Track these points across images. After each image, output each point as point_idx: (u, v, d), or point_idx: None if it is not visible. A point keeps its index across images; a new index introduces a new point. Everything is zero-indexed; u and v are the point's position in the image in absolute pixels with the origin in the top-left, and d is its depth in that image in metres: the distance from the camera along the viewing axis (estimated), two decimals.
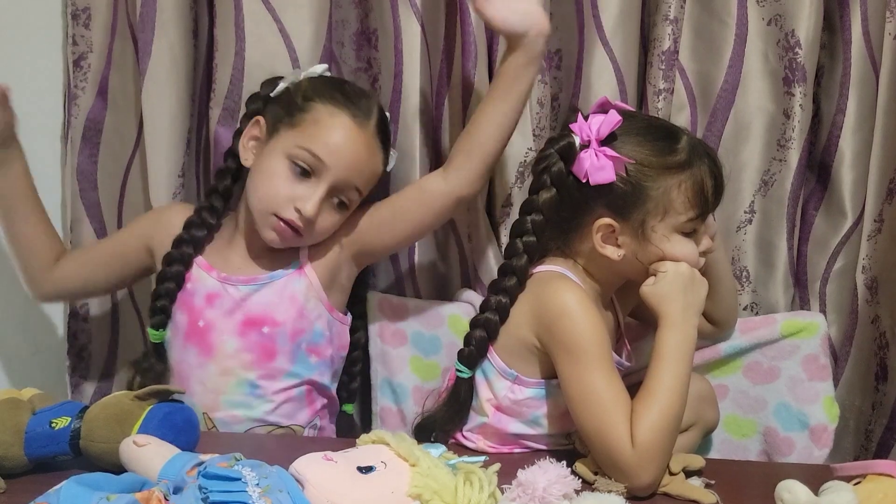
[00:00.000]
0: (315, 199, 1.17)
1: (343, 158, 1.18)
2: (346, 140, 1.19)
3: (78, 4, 1.37)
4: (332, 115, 1.19)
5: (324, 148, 1.17)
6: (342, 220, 1.24)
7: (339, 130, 1.19)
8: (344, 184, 1.19)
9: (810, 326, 1.29)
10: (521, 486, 0.91)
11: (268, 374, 1.23)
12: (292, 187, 1.18)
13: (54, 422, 0.99)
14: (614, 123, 1.06)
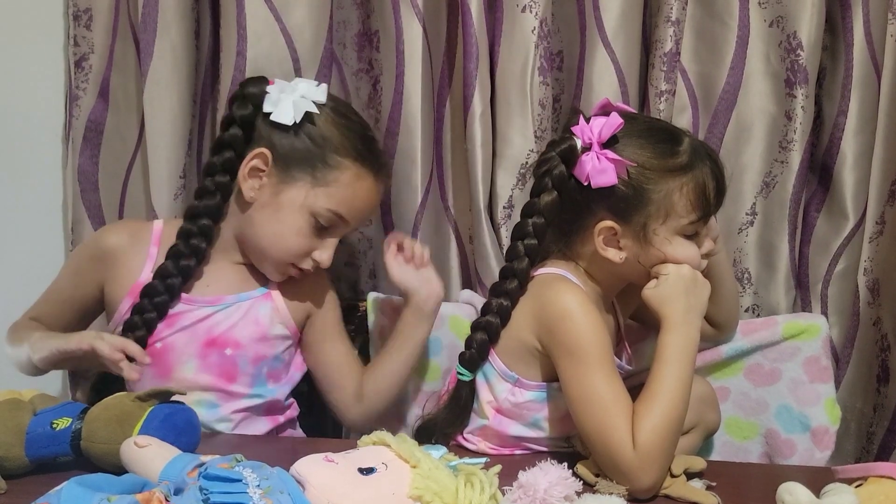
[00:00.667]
0: (331, 252, 1.20)
1: (362, 214, 1.22)
2: (369, 201, 1.21)
3: (79, 5, 1.38)
4: (360, 179, 1.18)
5: (350, 211, 1.18)
6: None
7: (366, 194, 1.20)
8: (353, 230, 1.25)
9: (812, 328, 1.29)
10: (522, 487, 0.91)
11: (227, 394, 1.20)
12: (312, 242, 1.18)
13: (55, 422, 0.99)
14: (616, 126, 1.06)
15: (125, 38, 1.39)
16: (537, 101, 1.32)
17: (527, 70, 1.31)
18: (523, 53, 1.31)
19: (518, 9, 1.30)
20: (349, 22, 1.38)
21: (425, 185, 1.36)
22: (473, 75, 1.29)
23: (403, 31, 1.31)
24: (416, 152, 1.33)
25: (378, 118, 1.38)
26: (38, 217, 1.46)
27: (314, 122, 1.16)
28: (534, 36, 1.30)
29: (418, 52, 1.31)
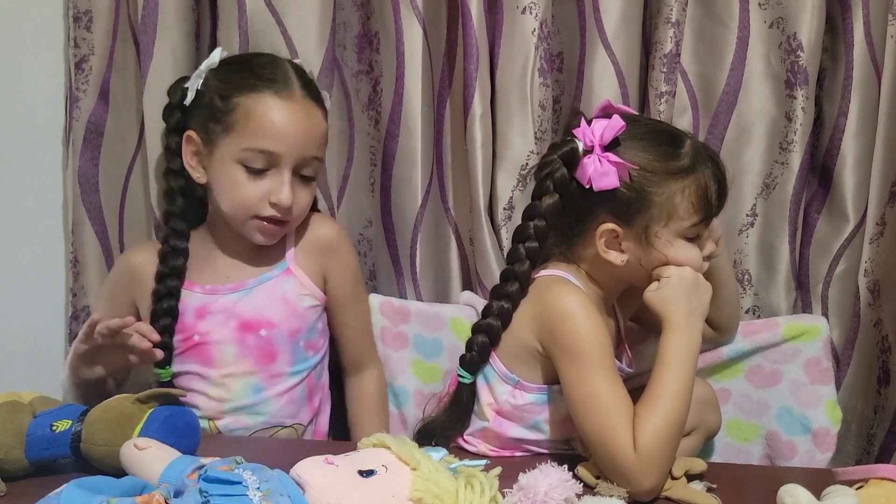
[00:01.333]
0: (286, 188, 1.17)
1: (289, 137, 1.17)
2: (282, 119, 1.17)
3: (79, 7, 1.37)
4: (257, 103, 1.17)
5: (268, 139, 1.16)
6: (314, 191, 1.25)
7: (272, 113, 1.17)
8: (303, 160, 1.19)
9: (812, 330, 1.29)
10: (523, 489, 0.91)
11: (270, 375, 1.23)
12: (258, 186, 1.18)
13: (55, 425, 0.99)
14: (618, 129, 1.05)
15: (125, 40, 1.39)
16: (537, 102, 1.32)
17: (527, 71, 1.31)
18: (523, 55, 1.31)
19: (518, 10, 1.30)
20: (349, 23, 1.38)
21: (425, 187, 1.36)
22: (473, 77, 1.29)
23: (403, 32, 1.31)
24: (417, 153, 1.33)
25: (378, 120, 1.38)
26: (38, 219, 1.46)
27: (206, 84, 1.22)
28: (534, 37, 1.30)
29: (418, 53, 1.31)
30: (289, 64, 1.23)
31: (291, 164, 1.18)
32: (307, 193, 1.22)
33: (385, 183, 1.37)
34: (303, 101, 1.19)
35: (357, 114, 1.41)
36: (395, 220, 1.38)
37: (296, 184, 1.19)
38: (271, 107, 1.17)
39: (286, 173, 1.18)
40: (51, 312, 1.46)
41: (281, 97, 1.18)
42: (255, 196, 1.18)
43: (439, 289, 1.41)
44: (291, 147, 1.17)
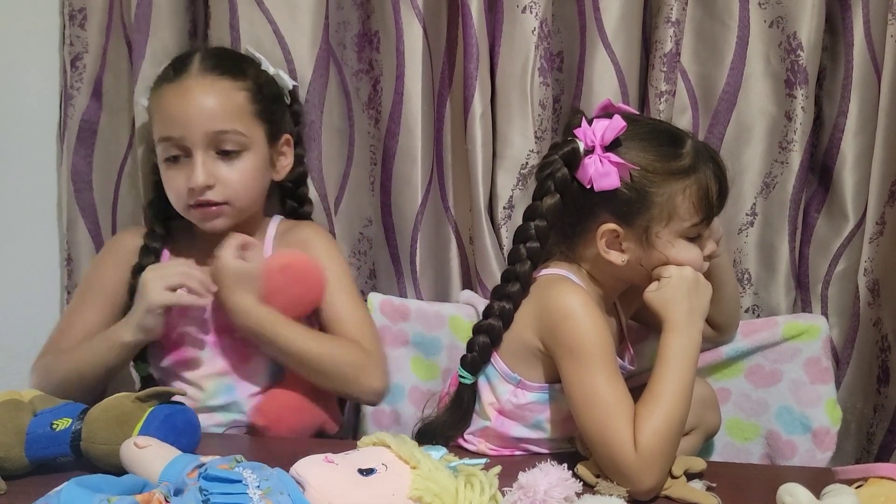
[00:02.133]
0: (196, 169, 1.16)
1: (184, 118, 1.16)
2: (174, 103, 1.18)
3: (74, 5, 1.37)
4: (157, 97, 1.20)
5: (166, 126, 1.18)
6: (252, 166, 1.20)
7: (164, 100, 1.18)
8: (213, 136, 1.17)
9: (812, 329, 1.29)
10: (522, 488, 0.91)
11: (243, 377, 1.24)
12: (178, 176, 1.18)
13: (55, 423, 0.99)
14: (619, 129, 1.05)
15: (118, 38, 1.39)
16: (537, 101, 1.32)
17: (527, 70, 1.31)
18: (523, 54, 1.31)
19: (518, 9, 1.30)
20: (349, 22, 1.38)
21: (426, 186, 1.36)
22: (474, 76, 1.29)
23: (404, 31, 1.31)
24: (417, 153, 1.33)
25: (378, 119, 1.38)
26: (32, 217, 1.46)
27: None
28: (534, 36, 1.30)
29: (418, 52, 1.31)
30: (203, 49, 1.25)
31: (201, 145, 1.16)
32: (236, 170, 1.19)
33: (385, 182, 1.37)
34: (198, 77, 1.18)
35: (357, 113, 1.41)
36: (396, 219, 1.38)
37: (218, 163, 1.18)
38: (164, 95, 1.19)
39: (197, 155, 1.16)
40: (46, 310, 1.46)
41: (173, 83, 1.18)
42: (178, 186, 1.19)
43: (439, 288, 1.41)
44: (190, 127, 1.16)
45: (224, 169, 1.18)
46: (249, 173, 1.20)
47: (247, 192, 1.21)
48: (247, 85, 1.21)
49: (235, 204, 1.20)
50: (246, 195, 1.21)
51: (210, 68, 1.19)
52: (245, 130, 1.19)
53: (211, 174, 1.17)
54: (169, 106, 1.18)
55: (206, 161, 1.17)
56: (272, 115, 1.24)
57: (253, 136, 1.20)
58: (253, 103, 1.21)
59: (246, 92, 1.21)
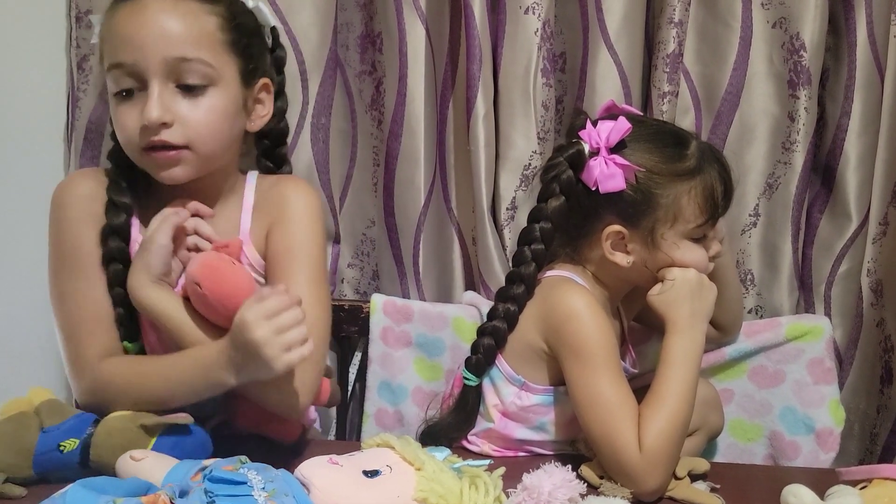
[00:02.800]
0: (151, 101, 0.98)
1: (141, 40, 0.98)
2: (129, 22, 0.99)
3: (80, 7, 1.37)
4: (109, 21, 1.02)
5: (118, 51, 1.00)
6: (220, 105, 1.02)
7: (119, 21, 1.00)
8: (173, 64, 0.99)
9: (815, 330, 1.29)
10: (527, 489, 0.91)
11: None
12: (131, 112, 1.00)
13: (62, 445, 0.97)
14: (624, 131, 1.05)
15: None
16: (540, 102, 1.32)
17: (530, 71, 1.31)
18: (526, 55, 1.31)
19: (521, 10, 1.30)
20: (352, 24, 1.38)
21: (428, 187, 1.36)
22: (476, 77, 1.29)
23: (406, 33, 1.31)
24: (420, 154, 1.33)
25: (381, 120, 1.38)
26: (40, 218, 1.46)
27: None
28: (537, 37, 1.30)
29: (421, 53, 1.31)
30: None
31: (158, 74, 0.99)
32: (200, 108, 1.01)
33: (388, 183, 1.37)
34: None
35: (360, 114, 1.41)
36: (398, 220, 1.38)
37: (178, 98, 1.00)
38: (117, 15, 1.01)
39: (153, 85, 0.98)
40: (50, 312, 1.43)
41: (129, 4, 1.00)
42: (129, 124, 1.01)
43: (442, 288, 1.41)
44: (145, 50, 0.98)
45: (185, 106, 1.00)
46: (215, 113, 1.02)
47: (211, 134, 1.02)
48: (218, 10, 1.03)
49: (198, 149, 1.02)
50: (211, 138, 1.03)
51: None
52: (212, 60, 1.01)
53: (168, 109, 0.99)
54: (122, 27, 0.99)
55: (164, 94, 0.99)
56: (248, 48, 1.07)
57: (222, 69, 1.02)
58: (224, 31, 1.03)
59: (217, 18, 1.03)
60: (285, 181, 1.15)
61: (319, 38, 1.33)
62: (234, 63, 1.04)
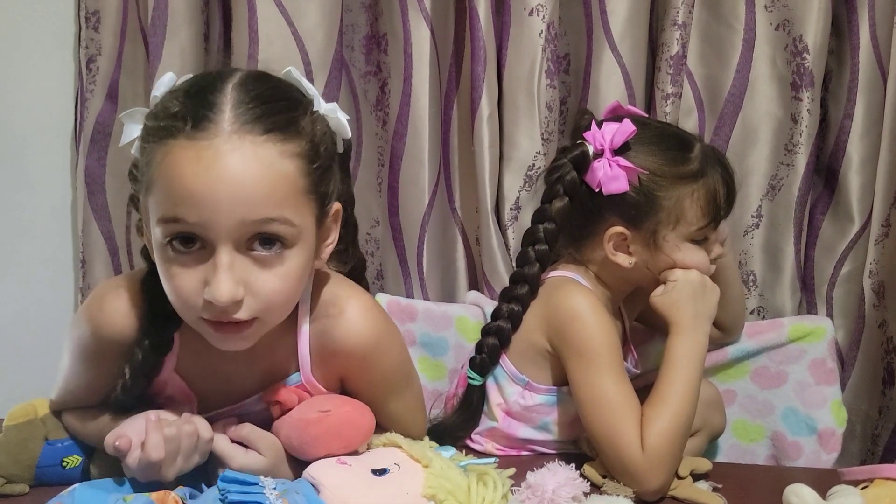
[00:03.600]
0: (219, 277, 0.78)
1: (207, 199, 0.77)
2: (193, 172, 0.77)
3: (88, 7, 1.38)
4: (165, 153, 0.79)
5: (177, 205, 0.78)
6: (297, 268, 0.83)
7: (179, 166, 0.78)
8: (245, 229, 0.79)
9: (817, 331, 1.29)
10: (531, 487, 0.92)
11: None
12: (191, 275, 0.81)
13: (66, 461, 0.97)
14: (628, 133, 1.06)
15: (134, 40, 1.39)
16: (544, 103, 1.33)
17: (534, 73, 1.32)
18: (530, 56, 1.31)
19: (525, 12, 1.31)
20: (357, 25, 1.39)
21: (432, 187, 1.36)
22: (481, 78, 1.30)
23: (411, 34, 1.31)
24: (424, 154, 1.34)
25: (386, 121, 1.38)
26: (48, 218, 1.47)
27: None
28: (541, 39, 1.31)
29: (426, 55, 1.31)
30: (236, 80, 0.82)
31: (229, 240, 0.79)
32: (276, 277, 0.82)
33: (392, 183, 1.38)
34: (232, 136, 0.78)
35: (365, 114, 1.41)
36: (403, 220, 1.38)
37: (250, 266, 0.81)
38: (179, 157, 0.78)
39: (222, 254, 0.79)
40: (60, 312, 1.47)
41: (194, 139, 0.78)
42: (189, 289, 0.81)
43: (446, 288, 1.41)
44: (220, 213, 0.77)
45: (259, 276, 0.81)
46: (291, 279, 0.83)
47: (284, 303, 0.86)
48: (300, 145, 0.82)
49: (267, 319, 0.85)
50: (283, 307, 0.86)
51: (251, 121, 0.79)
52: (294, 217, 0.81)
53: (241, 283, 0.80)
54: (185, 176, 0.77)
55: (235, 264, 0.80)
56: (325, 186, 0.86)
57: (303, 223, 0.83)
58: (305, 176, 0.82)
59: (297, 160, 0.81)
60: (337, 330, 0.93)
61: (325, 38, 1.33)
62: (312, 210, 0.84)
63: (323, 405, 0.93)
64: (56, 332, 1.47)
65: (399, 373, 1.00)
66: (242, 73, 0.84)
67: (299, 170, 0.81)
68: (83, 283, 1.44)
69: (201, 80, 0.84)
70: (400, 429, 1.00)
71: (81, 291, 1.44)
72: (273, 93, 0.84)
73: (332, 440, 0.91)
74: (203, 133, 0.78)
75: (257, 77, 0.85)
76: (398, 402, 1.01)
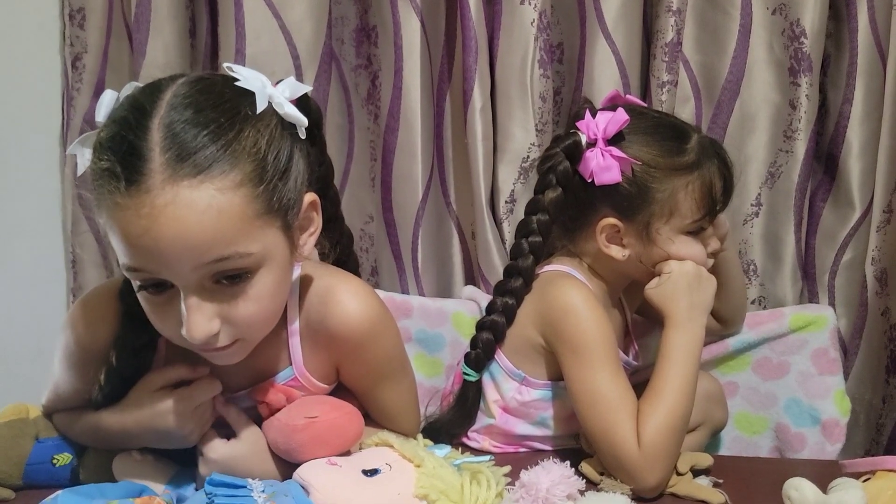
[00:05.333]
0: (191, 321, 0.79)
1: (155, 255, 0.76)
2: (137, 232, 0.75)
3: (73, 5, 1.37)
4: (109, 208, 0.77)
5: (134, 258, 0.78)
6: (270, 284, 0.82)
7: (124, 223, 0.76)
8: (202, 271, 0.78)
9: (819, 320, 1.27)
10: (525, 486, 0.90)
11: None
12: (167, 315, 0.82)
13: (56, 458, 0.97)
14: (621, 123, 1.04)
15: (120, 38, 1.39)
16: (538, 94, 1.31)
17: (527, 63, 1.30)
18: (523, 46, 1.30)
19: (517, 1, 1.29)
20: (347, 17, 1.37)
21: (426, 181, 1.35)
22: (473, 69, 1.28)
23: (401, 25, 1.30)
24: (417, 147, 1.32)
25: (377, 114, 1.37)
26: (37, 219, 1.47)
27: None
28: (533, 28, 1.29)
29: (417, 46, 1.30)
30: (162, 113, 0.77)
31: (191, 285, 0.79)
32: (248, 300, 0.81)
33: (385, 178, 1.36)
34: (165, 187, 0.74)
35: (356, 109, 1.40)
36: (397, 216, 1.37)
37: (219, 295, 0.80)
38: (121, 217, 0.76)
39: (187, 299, 0.79)
40: (53, 313, 1.47)
41: (129, 196, 0.75)
42: (169, 329, 0.83)
43: (441, 283, 1.40)
44: (169, 266, 0.77)
45: (232, 305, 0.81)
46: (266, 297, 0.83)
47: (265, 320, 0.86)
48: (242, 171, 0.77)
49: (250, 338, 0.86)
50: (265, 324, 0.86)
51: (182, 161, 0.75)
52: (251, 246, 0.79)
53: (212, 318, 0.80)
54: (129, 234, 0.76)
55: (203, 304, 0.79)
56: (285, 194, 0.82)
57: (265, 245, 0.81)
58: (253, 200, 0.78)
59: (243, 188, 0.78)
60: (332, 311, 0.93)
61: (314, 32, 1.32)
62: (273, 224, 0.81)
63: (311, 410, 0.92)
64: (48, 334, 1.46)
65: (395, 359, 1.00)
66: (173, 92, 0.79)
67: (245, 198, 0.78)
68: (74, 283, 1.44)
69: (128, 116, 0.78)
70: (393, 424, 1.01)
71: (73, 292, 1.44)
72: (206, 115, 0.77)
73: (317, 447, 0.90)
74: (136, 189, 0.74)
75: (188, 94, 0.79)
76: (392, 393, 1.01)
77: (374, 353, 0.96)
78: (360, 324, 0.93)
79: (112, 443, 0.95)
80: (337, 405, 0.94)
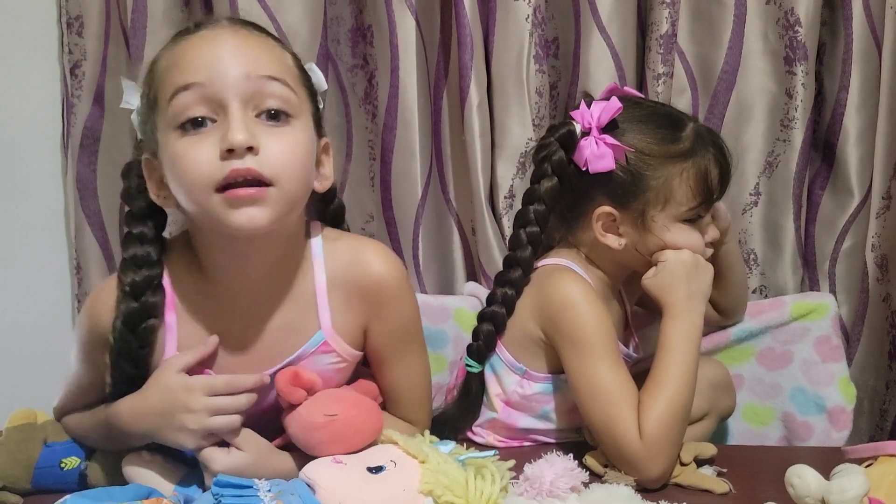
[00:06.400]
0: (235, 126, 0.83)
1: (213, 61, 0.86)
2: (201, 48, 0.87)
3: (71, 13, 1.38)
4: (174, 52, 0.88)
5: (187, 71, 0.85)
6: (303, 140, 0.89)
7: (191, 49, 0.87)
8: (252, 87, 0.85)
9: (820, 307, 1.27)
10: (528, 480, 0.91)
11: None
12: (204, 145, 0.84)
13: (64, 462, 0.98)
14: (614, 110, 1.04)
15: (118, 44, 1.39)
16: (534, 89, 1.31)
17: (522, 58, 1.30)
18: (518, 42, 1.30)
19: None
20: (342, 18, 1.38)
21: (425, 178, 1.35)
22: (469, 66, 1.29)
23: (397, 24, 1.30)
24: (415, 145, 1.33)
25: (375, 113, 1.37)
26: (41, 226, 1.47)
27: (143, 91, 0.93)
28: (528, 24, 1.29)
29: (412, 45, 1.30)
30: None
31: (238, 95, 0.85)
32: (285, 140, 0.86)
33: (384, 177, 1.37)
34: (233, 26, 0.89)
35: (354, 108, 1.40)
36: (397, 214, 1.37)
37: (260, 127, 0.85)
38: (189, 44, 0.88)
39: (233, 109, 0.84)
40: (57, 319, 1.47)
41: (194, 34, 0.89)
42: (203, 160, 0.84)
43: (443, 280, 1.41)
44: (223, 70, 0.85)
45: (270, 139, 0.85)
46: (300, 147, 0.88)
47: (298, 170, 0.88)
48: (291, 52, 0.94)
49: (283, 186, 0.86)
50: (298, 174, 0.88)
51: (245, 24, 0.92)
52: (295, 88, 0.89)
53: (253, 134, 0.84)
54: (192, 50, 0.87)
55: (247, 118, 0.85)
56: (316, 98, 0.96)
57: (302, 103, 0.90)
58: (300, 69, 0.93)
59: (292, 56, 0.93)
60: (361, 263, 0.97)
61: (309, 33, 1.32)
62: (309, 104, 0.92)
63: (330, 407, 0.93)
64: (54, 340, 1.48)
65: (415, 324, 1.04)
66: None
67: (293, 65, 0.92)
68: (79, 289, 1.44)
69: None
70: (408, 409, 1.05)
71: (78, 298, 1.44)
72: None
73: (334, 445, 0.92)
74: (208, 28, 0.89)
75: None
76: (411, 368, 1.04)
77: (401, 311, 1.00)
78: (392, 277, 0.98)
79: (123, 438, 0.94)
80: (356, 401, 0.96)
